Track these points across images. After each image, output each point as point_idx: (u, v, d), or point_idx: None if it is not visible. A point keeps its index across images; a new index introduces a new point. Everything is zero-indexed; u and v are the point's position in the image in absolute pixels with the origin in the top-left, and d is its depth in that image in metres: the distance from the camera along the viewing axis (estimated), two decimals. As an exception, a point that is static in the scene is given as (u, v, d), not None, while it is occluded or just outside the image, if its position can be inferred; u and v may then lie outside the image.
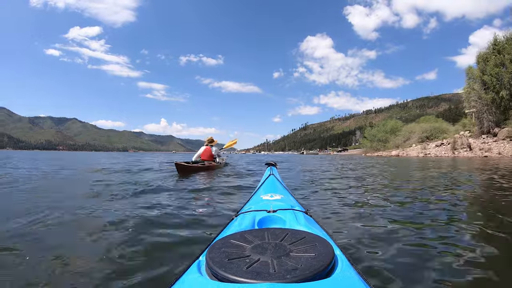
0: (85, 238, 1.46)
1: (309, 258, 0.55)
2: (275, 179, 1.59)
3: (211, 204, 2.42)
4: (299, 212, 0.94)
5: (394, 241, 1.42)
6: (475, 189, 3.57)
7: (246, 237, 0.66)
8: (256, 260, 0.54)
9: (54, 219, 1.78)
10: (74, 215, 1.91)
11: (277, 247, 0.60)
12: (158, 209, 2.09)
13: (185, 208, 2.16)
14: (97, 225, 1.68)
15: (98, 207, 2.15)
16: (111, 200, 2.52)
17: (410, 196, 2.88)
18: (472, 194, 3.18)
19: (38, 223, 1.69)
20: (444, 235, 1.53)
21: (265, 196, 1.17)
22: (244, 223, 0.85)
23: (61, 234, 1.56)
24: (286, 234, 0.67)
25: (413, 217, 1.96)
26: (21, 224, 1.64)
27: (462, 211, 2.25)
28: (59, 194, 2.98)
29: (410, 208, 2.27)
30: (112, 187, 3.30)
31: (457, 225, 1.72)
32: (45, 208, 2.05)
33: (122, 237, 1.44)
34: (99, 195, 2.78)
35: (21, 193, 2.88)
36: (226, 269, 0.51)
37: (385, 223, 1.77)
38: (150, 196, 2.70)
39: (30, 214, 1.88)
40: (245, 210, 1.01)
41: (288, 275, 0.48)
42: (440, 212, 2.10)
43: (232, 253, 0.58)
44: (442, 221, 1.83)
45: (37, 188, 3.38)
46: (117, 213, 1.98)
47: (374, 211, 2.13)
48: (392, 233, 1.56)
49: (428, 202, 2.55)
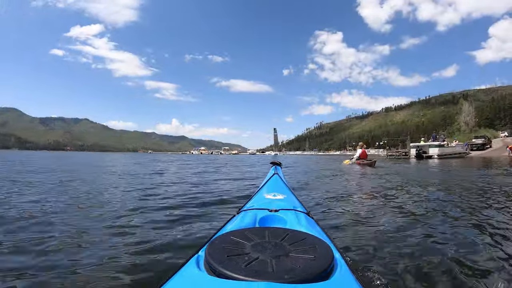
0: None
1: (308, 259, 0.55)
2: (279, 179, 1.59)
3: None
4: (301, 213, 0.95)
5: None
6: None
7: (247, 235, 0.66)
8: (255, 258, 0.55)
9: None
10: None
11: (277, 246, 0.61)
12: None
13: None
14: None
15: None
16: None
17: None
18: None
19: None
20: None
21: (268, 195, 1.19)
22: (245, 221, 0.85)
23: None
24: (287, 234, 0.68)
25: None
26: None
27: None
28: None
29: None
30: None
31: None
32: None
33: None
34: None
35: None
36: (224, 265, 0.51)
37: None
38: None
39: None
40: (247, 208, 1.02)
41: (286, 276, 0.48)
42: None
43: (232, 249, 0.59)
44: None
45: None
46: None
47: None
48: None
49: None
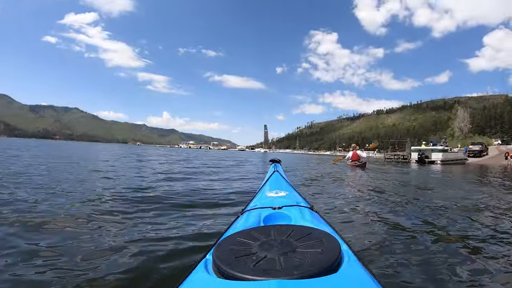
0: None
1: (316, 253, 0.55)
2: (279, 176, 1.59)
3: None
4: (305, 208, 0.96)
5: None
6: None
7: (252, 235, 0.66)
8: (263, 257, 0.54)
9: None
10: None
11: (284, 243, 0.60)
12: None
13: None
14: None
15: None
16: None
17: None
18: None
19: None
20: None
21: (270, 193, 1.19)
22: (249, 221, 0.86)
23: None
24: (292, 230, 0.67)
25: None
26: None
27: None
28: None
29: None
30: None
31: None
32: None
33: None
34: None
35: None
36: (233, 266, 0.51)
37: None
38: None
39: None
40: (251, 207, 1.03)
41: (295, 271, 0.48)
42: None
43: (239, 250, 0.59)
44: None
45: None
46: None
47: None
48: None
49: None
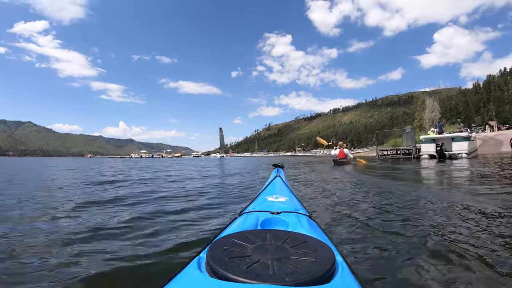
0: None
1: (310, 262, 0.55)
2: (281, 181, 1.57)
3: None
4: (303, 216, 0.95)
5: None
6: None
7: (248, 237, 0.66)
8: (257, 261, 0.54)
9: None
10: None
11: (278, 249, 0.60)
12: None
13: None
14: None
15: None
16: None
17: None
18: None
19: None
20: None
21: (270, 198, 1.18)
22: (247, 223, 0.85)
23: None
24: (288, 236, 0.67)
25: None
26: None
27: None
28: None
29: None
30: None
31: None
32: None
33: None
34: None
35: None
36: (226, 267, 0.51)
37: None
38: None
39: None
40: (249, 210, 1.02)
41: (287, 278, 0.48)
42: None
43: (233, 252, 0.58)
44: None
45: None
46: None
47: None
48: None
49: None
